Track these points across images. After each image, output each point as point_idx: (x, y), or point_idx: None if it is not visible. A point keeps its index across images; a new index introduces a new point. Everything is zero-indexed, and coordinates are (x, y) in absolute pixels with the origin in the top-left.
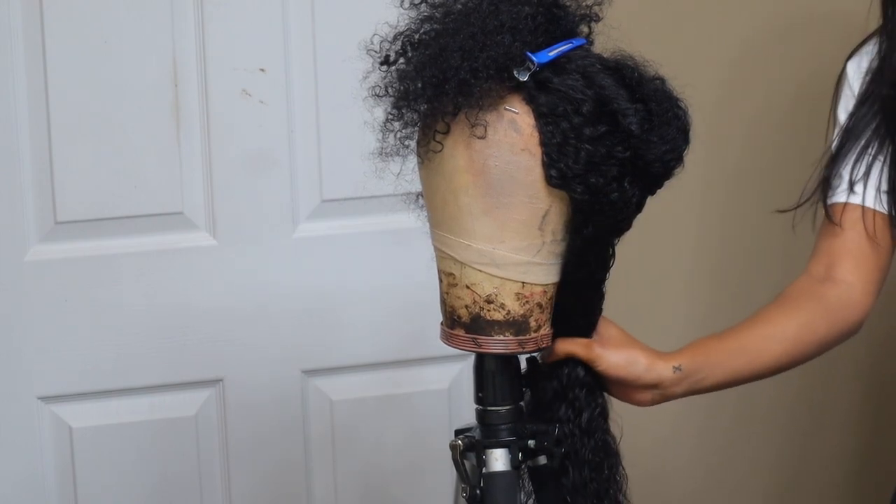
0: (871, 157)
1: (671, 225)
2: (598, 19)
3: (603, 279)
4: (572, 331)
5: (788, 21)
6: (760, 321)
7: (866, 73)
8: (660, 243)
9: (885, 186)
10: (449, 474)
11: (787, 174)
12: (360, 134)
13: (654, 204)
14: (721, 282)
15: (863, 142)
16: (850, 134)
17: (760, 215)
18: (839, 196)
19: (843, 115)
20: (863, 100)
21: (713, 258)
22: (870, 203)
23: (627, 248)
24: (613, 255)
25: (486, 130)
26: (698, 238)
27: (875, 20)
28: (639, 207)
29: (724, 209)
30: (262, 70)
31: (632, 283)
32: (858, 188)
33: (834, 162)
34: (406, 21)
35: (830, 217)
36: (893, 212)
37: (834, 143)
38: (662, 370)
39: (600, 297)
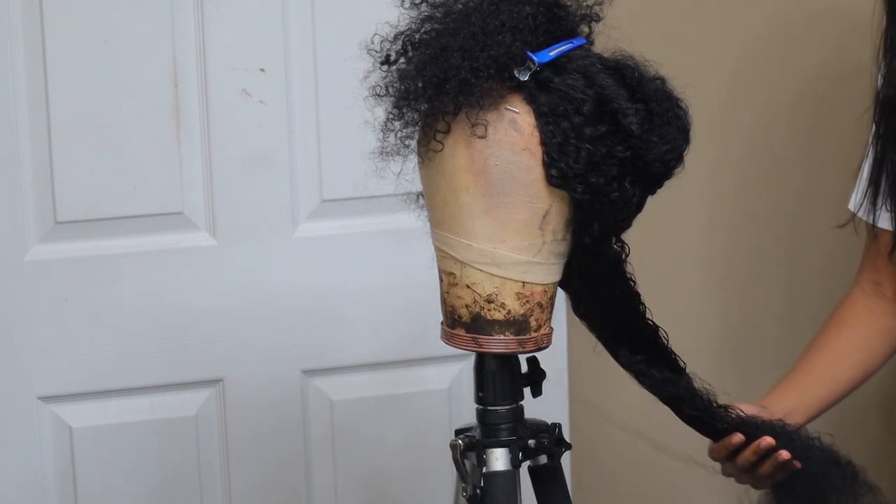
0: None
1: (678, 225)
2: (598, 19)
3: (622, 272)
4: (636, 335)
5: (791, 19)
6: (824, 350)
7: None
8: (667, 243)
9: None
10: (449, 474)
11: (792, 173)
12: (360, 134)
13: (662, 205)
14: (730, 281)
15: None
16: (883, 147)
17: (766, 215)
18: (877, 219)
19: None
20: (877, 108)
21: (721, 258)
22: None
23: (636, 248)
24: (623, 247)
25: (486, 130)
26: (706, 237)
27: (880, 17)
28: (639, 207)
29: (730, 208)
30: (262, 70)
31: (642, 284)
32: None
33: (872, 176)
34: (407, 21)
35: (870, 234)
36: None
37: (870, 154)
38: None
39: (631, 291)
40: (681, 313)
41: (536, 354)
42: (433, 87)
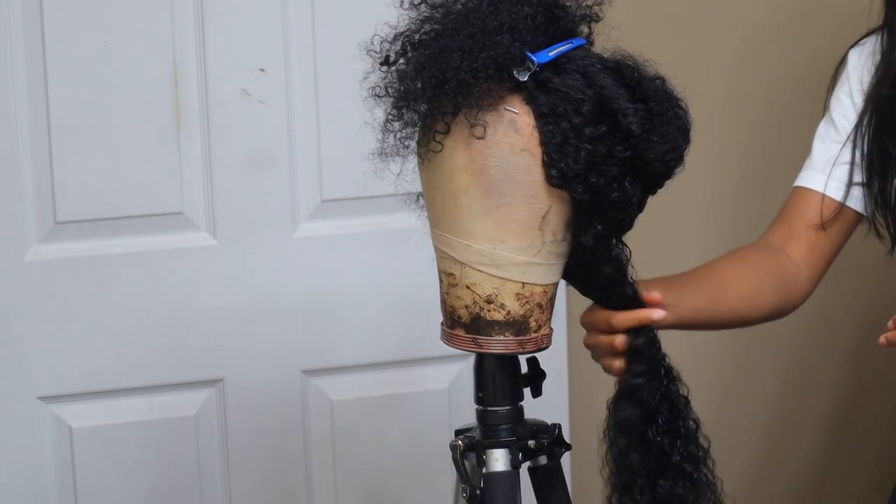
0: (850, 152)
1: (680, 222)
2: (598, 19)
3: (624, 273)
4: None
5: (789, 16)
6: (717, 273)
7: (869, 68)
8: (668, 240)
9: (857, 179)
10: (449, 474)
11: (794, 167)
12: (360, 134)
13: (665, 201)
14: None
15: (848, 134)
16: (838, 123)
17: (769, 207)
18: (807, 180)
19: (836, 103)
20: (862, 94)
21: (723, 251)
22: (832, 194)
23: (639, 246)
24: (624, 250)
25: (485, 130)
26: (708, 231)
27: (877, 13)
28: (640, 207)
29: (732, 202)
30: (262, 70)
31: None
32: (828, 177)
33: (816, 146)
34: (406, 21)
35: (795, 196)
36: (869, 209)
37: (821, 128)
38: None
39: (629, 288)
40: None
41: (536, 355)
42: (432, 87)
